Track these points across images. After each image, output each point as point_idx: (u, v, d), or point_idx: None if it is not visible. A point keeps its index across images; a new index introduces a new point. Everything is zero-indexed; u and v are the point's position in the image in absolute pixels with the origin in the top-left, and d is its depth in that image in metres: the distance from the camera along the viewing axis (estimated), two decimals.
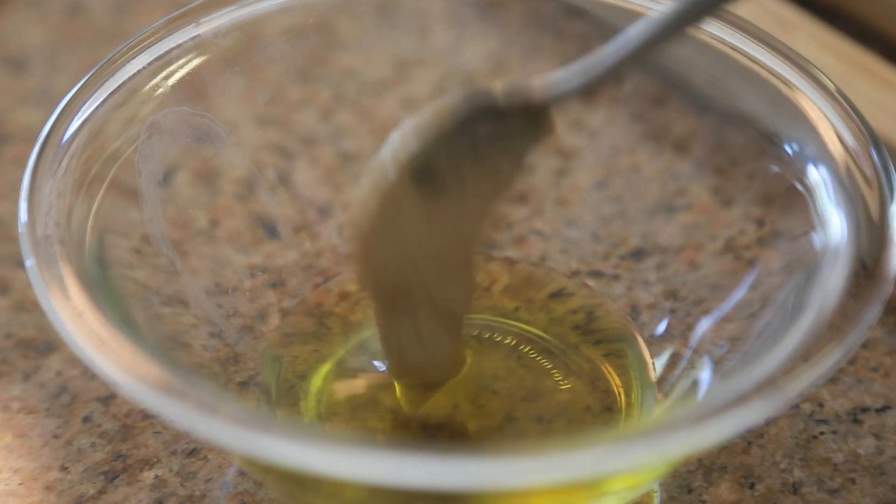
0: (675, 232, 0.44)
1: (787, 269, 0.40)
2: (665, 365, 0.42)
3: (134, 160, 0.41)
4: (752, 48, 0.42)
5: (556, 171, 0.46)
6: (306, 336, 0.43)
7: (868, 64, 0.49)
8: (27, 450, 0.42)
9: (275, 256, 0.44)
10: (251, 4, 0.43)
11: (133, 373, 0.34)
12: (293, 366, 0.42)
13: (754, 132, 0.42)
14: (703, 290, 0.43)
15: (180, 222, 0.43)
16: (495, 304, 0.43)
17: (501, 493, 0.34)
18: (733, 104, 0.43)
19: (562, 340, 0.43)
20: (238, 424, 0.33)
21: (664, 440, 0.33)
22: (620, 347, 0.42)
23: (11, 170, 0.50)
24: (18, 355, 0.44)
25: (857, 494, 0.41)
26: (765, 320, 0.39)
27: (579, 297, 0.44)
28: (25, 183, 0.38)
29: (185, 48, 0.42)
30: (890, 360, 0.44)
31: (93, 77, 0.41)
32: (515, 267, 0.45)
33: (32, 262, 0.36)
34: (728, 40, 0.42)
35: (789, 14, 0.52)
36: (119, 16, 0.57)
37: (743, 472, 0.41)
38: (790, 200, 0.40)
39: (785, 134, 0.41)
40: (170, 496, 0.41)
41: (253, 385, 0.41)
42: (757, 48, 0.41)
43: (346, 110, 0.47)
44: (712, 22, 0.42)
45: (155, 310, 0.40)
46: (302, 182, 0.46)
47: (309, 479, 0.36)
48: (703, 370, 0.41)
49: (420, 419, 0.40)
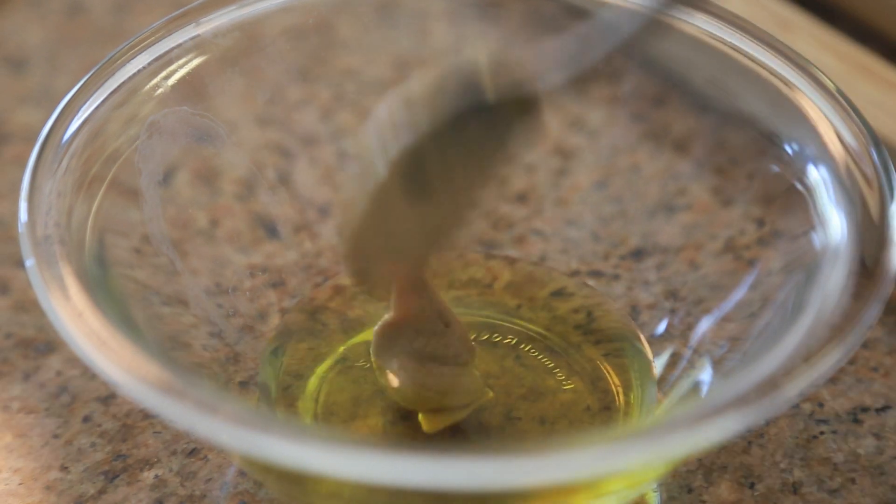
0: (675, 232, 0.44)
1: (787, 269, 0.40)
2: (665, 365, 0.42)
3: (134, 160, 0.41)
4: (752, 48, 0.42)
5: (557, 170, 0.46)
6: (303, 334, 0.43)
7: (868, 64, 0.49)
8: (27, 450, 0.42)
9: (275, 256, 0.44)
10: (251, 4, 0.43)
11: (133, 373, 0.34)
12: (291, 365, 0.42)
13: (754, 132, 0.42)
14: (703, 289, 0.43)
15: (180, 222, 0.43)
16: (497, 301, 0.43)
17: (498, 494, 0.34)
18: (733, 104, 0.43)
19: (563, 339, 0.43)
20: (238, 424, 0.33)
21: (664, 440, 0.33)
22: (621, 347, 0.42)
23: (11, 170, 0.50)
24: (18, 355, 0.44)
25: (857, 494, 0.41)
26: (765, 320, 0.39)
27: (580, 296, 0.44)
28: (25, 183, 0.38)
29: (185, 48, 0.42)
30: (890, 360, 0.44)
31: (93, 77, 0.41)
32: (517, 265, 0.45)
33: (32, 262, 0.36)
34: (728, 40, 0.42)
35: (789, 14, 0.52)
36: (119, 16, 0.57)
37: (743, 472, 0.41)
38: (790, 200, 0.40)
39: (785, 134, 0.41)
40: (170, 496, 0.41)
41: (253, 385, 0.41)
42: (757, 48, 0.41)
43: (346, 110, 0.47)
44: (712, 22, 0.42)
45: (155, 310, 0.40)
46: (302, 182, 0.46)
47: (309, 479, 0.36)
48: (703, 370, 0.41)
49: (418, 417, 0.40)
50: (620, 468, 0.35)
